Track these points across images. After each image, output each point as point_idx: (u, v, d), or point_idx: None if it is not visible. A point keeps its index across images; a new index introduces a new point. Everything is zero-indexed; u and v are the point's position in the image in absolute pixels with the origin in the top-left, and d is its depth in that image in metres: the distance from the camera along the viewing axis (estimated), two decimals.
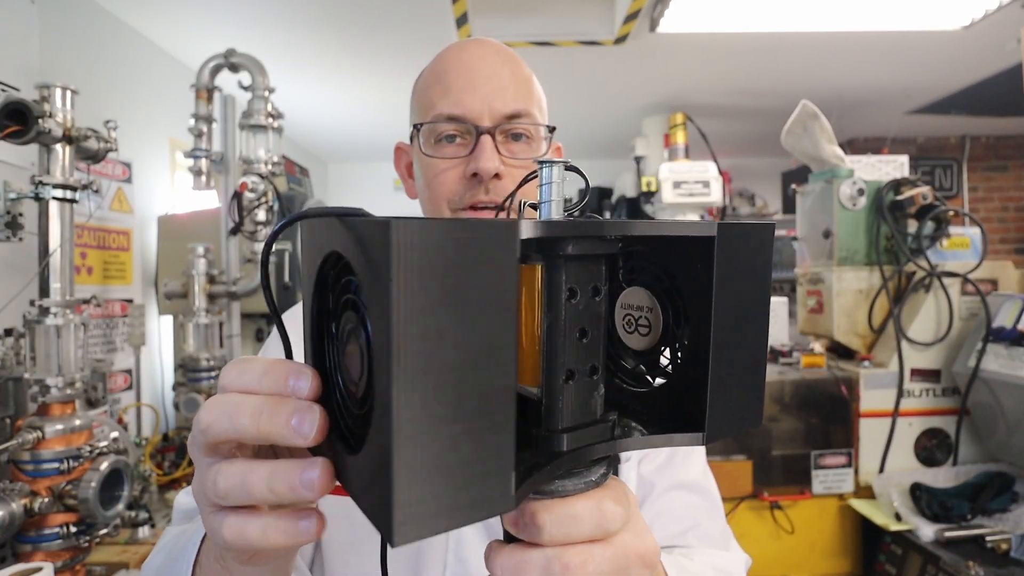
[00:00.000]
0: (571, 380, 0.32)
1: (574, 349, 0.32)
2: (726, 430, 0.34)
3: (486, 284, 0.24)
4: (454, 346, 0.24)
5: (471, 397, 0.25)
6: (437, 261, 0.23)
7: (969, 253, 2.08)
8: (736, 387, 0.34)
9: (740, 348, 0.34)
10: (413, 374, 0.23)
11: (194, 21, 2.55)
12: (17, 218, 1.47)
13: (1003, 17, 2.62)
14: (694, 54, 3.12)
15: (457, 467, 0.25)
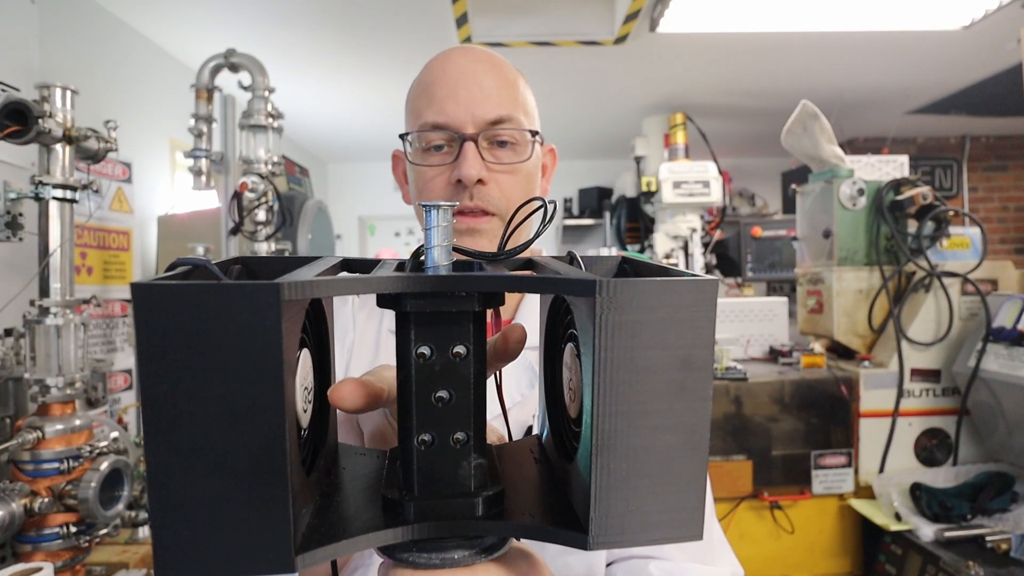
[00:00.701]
0: (427, 447, 0.30)
1: (430, 413, 0.30)
2: (630, 538, 0.28)
3: (243, 346, 0.24)
4: (208, 405, 0.24)
5: (238, 453, 0.24)
6: (184, 325, 0.24)
7: (969, 253, 2.08)
8: (650, 487, 0.27)
9: (657, 436, 0.27)
10: (161, 429, 0.24)
11: (194, 21, 2.55)
12: (17, 218, 1.46)
13: (1003, 17, 2.62)
14: (694, 54, 3.12)
15: (227, 519, 0.25)
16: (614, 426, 0.26)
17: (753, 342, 2.24)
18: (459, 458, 0.30)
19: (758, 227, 3.75)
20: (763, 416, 1.87)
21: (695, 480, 0.28)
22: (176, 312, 0.24)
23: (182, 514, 0.25)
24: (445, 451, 0.30)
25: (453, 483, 0.30)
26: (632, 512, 0.27)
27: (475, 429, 0.30)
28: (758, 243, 3.74)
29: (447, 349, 0.30)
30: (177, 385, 0.24)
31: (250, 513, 0.25)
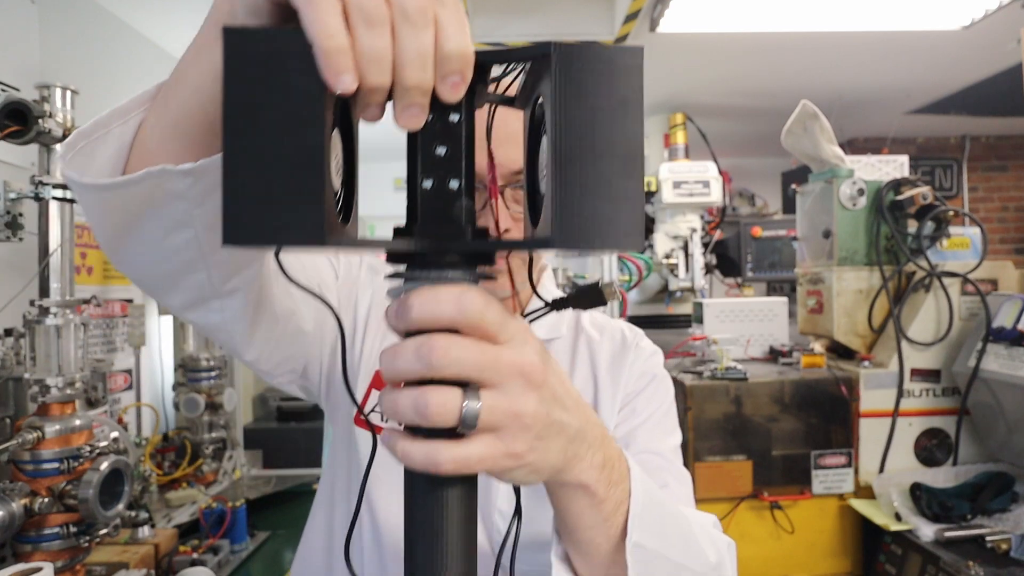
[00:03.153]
0: (430, 188, 0.37)
1: (429, 161, 0.37)
2: (585, 240, 0.35)
3: (303, 75, 0.32)
4: (275, 115, 0.32)
5: (291, 153, 0.32)
6: (262, 57, 0.32)
7: (969, 253, 2.08)
8: (595, 200, 0.35)
9: (598, 162, 0.35)
10: (239, 129, 0.32)
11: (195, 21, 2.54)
12: (17, 218, 1.47)
13: (1003, 17, 2.62)
14: (694, 54, 3.12)
15: (279, 201, 0.32)
16: (568, 152, 0.34)
17: (753, 342, 2.24)
18: (453, 199, 0.37)
19: (758, 227, 3.75)
20: (763, 416, 1.87)
21: (635, 199, 0.36)
22: (259, 45, 0.32)
23: (246, 194, 0.32)
24: (443, 194, 0.37)
25: (448, 219, 0.38)
26: (585, 222, 0.34)
27: (466, 179, 0.38)
28: (758, 243, 3.74)
29: (444, 115, 0.37)
30: (253, 98, 0.32)
31: (296, 198, 0.32)
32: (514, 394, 0.37)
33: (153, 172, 0.48)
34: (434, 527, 0.39)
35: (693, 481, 0.84)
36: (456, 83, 0.35)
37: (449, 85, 0.34)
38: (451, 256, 0.38)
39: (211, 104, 0.48)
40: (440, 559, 0.39)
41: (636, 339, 0.89)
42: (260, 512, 1.97)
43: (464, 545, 0.40)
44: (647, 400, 0.83)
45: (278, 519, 1.96)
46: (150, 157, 0.50)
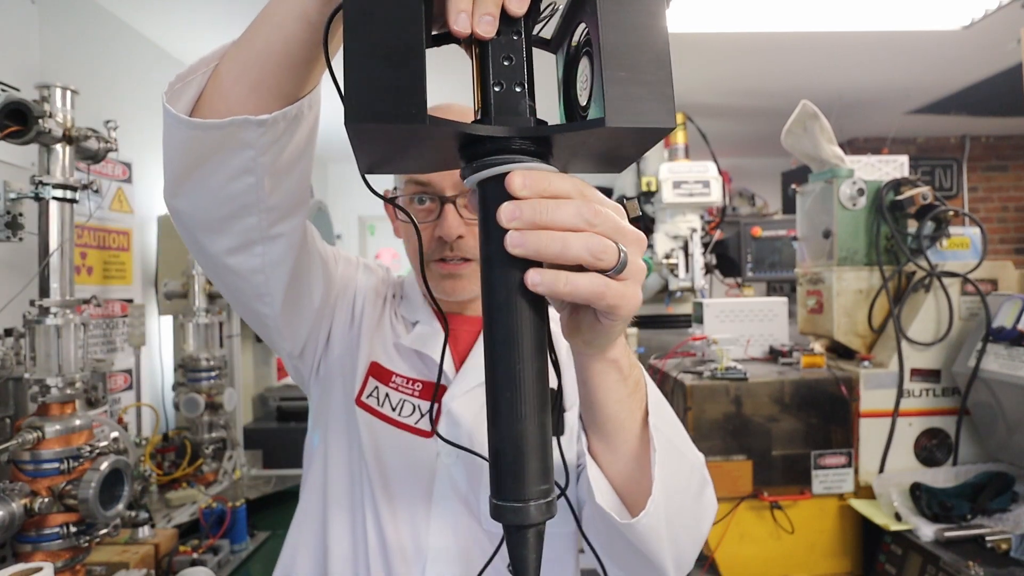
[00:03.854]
0: (500, 91, 0.44)
1: (498, 70, 0.43)
2: (631, 118, 0.40)
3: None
4: (383, 15, 0.39)
5: (394, 49, 0.39)
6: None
7: (969, 253, 2.08)
8: (637, 87, 0.41)
9: (637, 56, 0.41)
10: (358, 28, 0.38)
11: (194, 21, 2.55)
12: (17, 218, 1.47)
13: (1003, 17, 2.62)
14: (695, 54, 3.12)
15: (384, 80, 0.38)
16: (614, 49, 0.41)
17: (753, 342, 2.24)
18: (518, 99, 0.44)
19: (758, 227, 3.75)
20: (763, 416, 1.87)
21: (667, 85, 0.42)
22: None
23: (363, 83, 0.38)
24: (510, 95, 0.44)
25: (516, 112, 0.44)
26: (630, 103, 0.41)
27: (528, 84, 0.44)
28: (758, 243, 3.74)
29: (510, 32, 0.44)
30: (366, 4, 0.39)
31: (403, 85, 0.38)
32: (635, 253, 0.47)
33: (237, 121, 0.55)
34: (541, 345, 0.45)
35: None
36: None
37: (516, 0, 0.42)
38: (524, 143, 0.44)
39: (293, 42, 0.53)
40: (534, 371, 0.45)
41: None
42: (260, 512, 1.97)
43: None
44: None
45: (278, 519, 1.96)
46: (221, 99, 0.56)
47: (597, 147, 0.46)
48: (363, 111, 0.38)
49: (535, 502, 0.42)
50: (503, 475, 0.43)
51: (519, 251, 0.42)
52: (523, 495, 0.42)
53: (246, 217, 0.63)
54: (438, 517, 0.82)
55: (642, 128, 0.41)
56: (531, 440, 0.43)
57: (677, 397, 1.93)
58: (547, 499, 0.43)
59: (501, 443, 0.43)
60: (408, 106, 0.38)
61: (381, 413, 0.85)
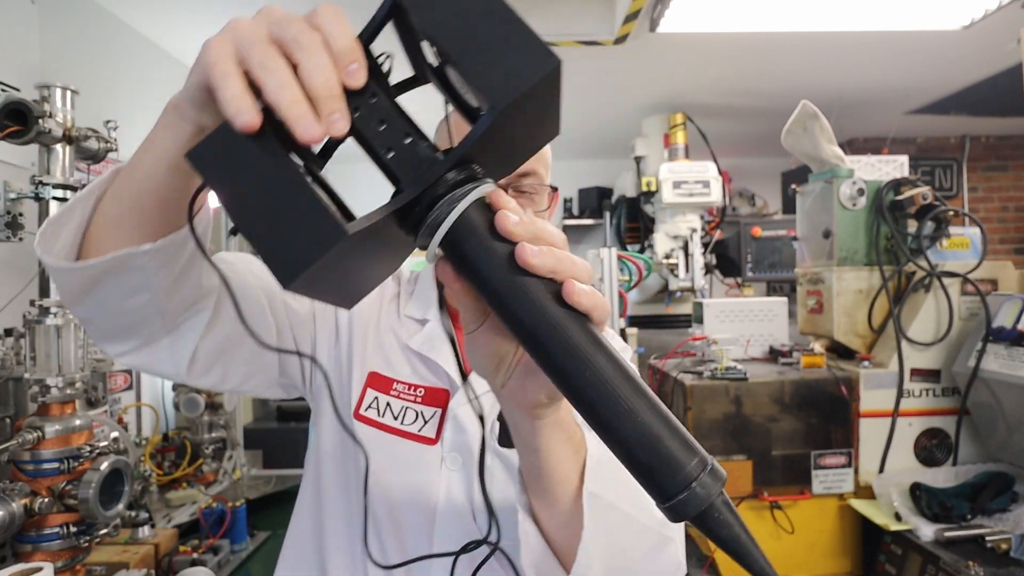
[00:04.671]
0: (393, 154, 0.42)
1: (381, 139, 0.42)
2: (516, 84, 0.37)
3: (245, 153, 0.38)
4: (251, 181, 0.38)
5: (276, 199, 0.37)
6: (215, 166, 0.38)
7: (969, 253, 2.08)
8: (501, 54, 0.38)
9: (484, 27, 0.39)
10: (239, 207, 0.37)
11: (194, 21, 2.55)
12: (17, 218, 1.47)
13: (1003, 17, 2.62)
14: (694, 54, 3.12)
15: (285, 231, 0.37)
16: (457, 33, 0.39)
17: (753, 342, 2.24)
18: (414, 148, 0.41)
19: (758, 227, 3.75)
20: (763, 416, 1.87)
21: (525, 33, 0.38)
22: (210, 146, 0.38)
23: (274, 247, 0.37)
24: (405, 151, 0.42)
25: (421, 160, 0.41)
26: (506, 72, 0.38)
27: (413, 129, 0.42)
28: (758, 243, 3.74)
29: (366, 101, 0.42)
30: (233, 183, 0.38)
31: (304, 221, 0.37)
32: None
33: (120, 255, 0.54)
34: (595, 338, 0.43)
35: None
36: (355, 70, 0.39)
37: (351, 75, 0.39)
38: (451, 176, 0.41)
39: (163, 188, 0.53)
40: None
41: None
42: (260, 512, 1.97)
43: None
44: None
45: (278, 519, 1.96)
46: (107, 232, 0.56)
47: (516, 132, 0.44)
48: (288, 270, 0.37)
49: (698, 479, 0.39)
50: (654, 477, 0.39)
51: (537, 260, 0.40)
52: (684, 481, 0.39)
53: (148, 323, 0.63)
54: (442, 526, 0.80)
55: (531, 86, 0.38)
56: (653, 426, 0.39)
57: (677, 397, 1.93)
58: (707, 466, 0.39)
59: (630, 450, 0.40)
60: (320, 236, 0.37)
61: (382, 424, 0.84)
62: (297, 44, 0.38)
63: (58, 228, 0.57)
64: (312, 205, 0.37)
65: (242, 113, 0.37)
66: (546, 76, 0.38)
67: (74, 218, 0.57)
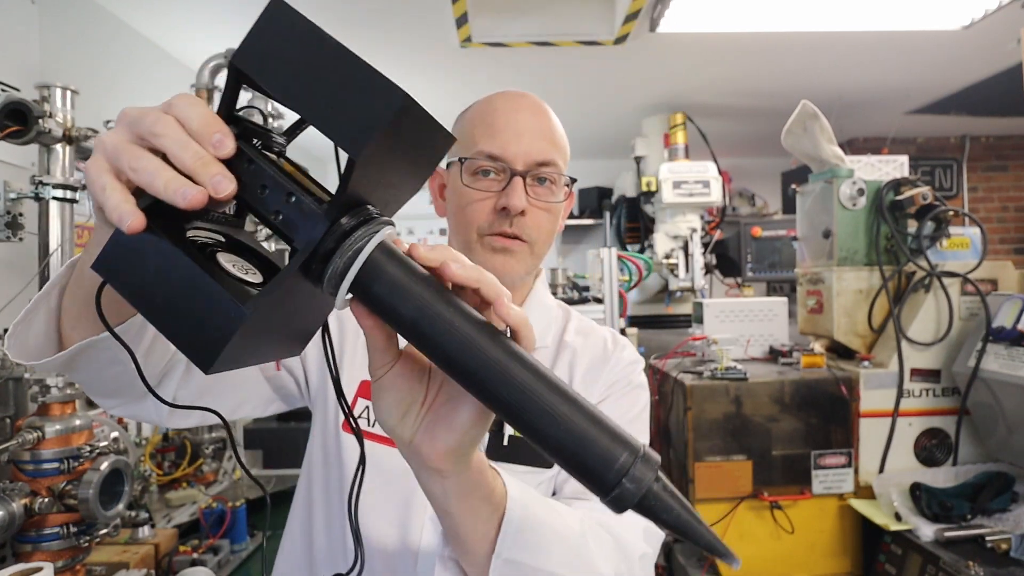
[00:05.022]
0: (280, 215, 0.42)
1: (266, 204, 0.42)
2: (366, 133, 0.37)
3: (144, 254, 0.39)
4: (158, 280, 0.39)
5: (178, 288, 0.39)
6: (121, 272, 0.40)
7: (969, 253, 2.08)
8: (342, 102, 0.38)
9: (317, 74, 0.39)
10: (147, 304, 0.40)
11: (194, 21, 2.55)
12: (17, 218, 1.47)
13: (1003, 17, 2.62)
14: (694, 54, 3.12)
15: (192, 318, 0.38)
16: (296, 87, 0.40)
17: (753, 342, 2.24)
18: (299, 206, 0.41)
19: (758, 227, 3.75)
20: (763, 416, 1.87)
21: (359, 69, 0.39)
22: (112, 253, 0.40)
23: (186, 334, 0.39)
24: (292, 208, 0.41)
25: (308, 215, 0.41)
26: (355, 121, 0.38)
27: (296, 185, 0.42)
28: (758, 243, 3.74)
29: (243, 166, 0.42)
30: (137, 283, 0.40)
31: (208, 307, 0.38)
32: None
33: (82, 346, 0.59)
34: (509, 349, 0.43)
35: (692, 482, 0.85)
36: (220, 140, 0.39)
37: (218, 145, 0.39)
38: (344, 223, 0.41)
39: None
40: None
41: (618, 349, 0.91)
42: (260, 512, 1.97)
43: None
44: (611, 405, 0.85)
45: (278, 519, 1.96)
46: (71, 324, 0.61)
47: (397, 162, 0.43)
48: (202, 358, 0.38)
49: (630, 470, 0.39)
50: (591, 475, 0.40)
51: (463, 273, 0.42)
52: (617, 474, 0.39)
53: (130, 386, 0.67)
54: (429, 533, 0.79)
55: (384, 128, 0.37)
56: (581, 426, 0.40)
57: (677, 397, 1.93)
58: (638, 454, 0.40)
59: (563, 452, 0.40)
60: (223, 321, 0.38)
61: (371, 434, 0.83)
62: (156, 135, 0.39)
63: (26, 327, 0.62)
64: (209, 291, 0.38)
65: (124, 218, 0.38)
66: (396, 113, 0.38)
67: (39, 316, 0.61)
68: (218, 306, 0.38)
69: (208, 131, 0.40)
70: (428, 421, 0.49)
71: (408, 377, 0.48)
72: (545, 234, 0.85)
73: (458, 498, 0.52)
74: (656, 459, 0.41)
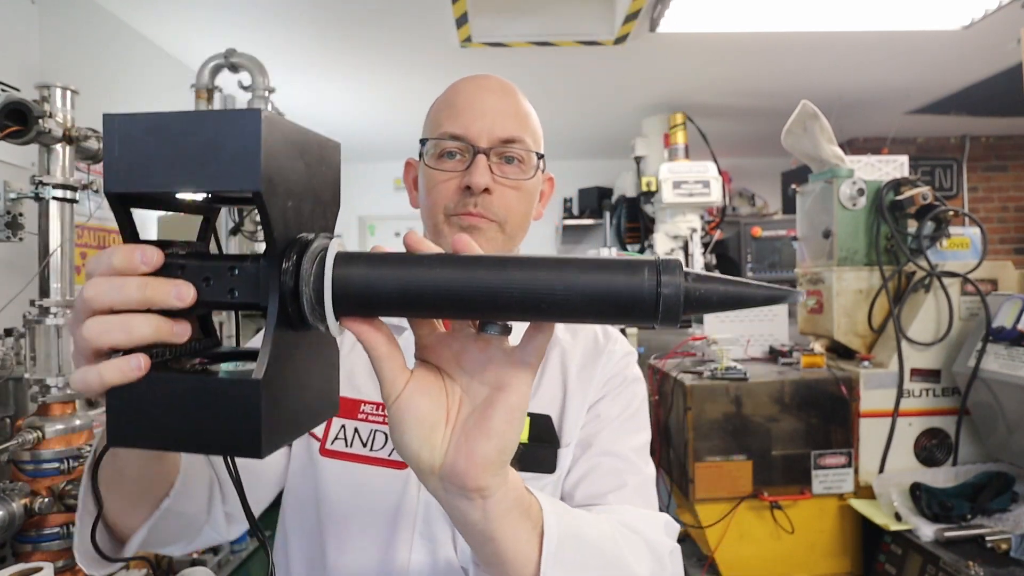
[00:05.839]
0: (235, 297, 0.43)
1: (211, 292, 0.43)
2: (249, 158, 0.38)
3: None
4: (168, 411, 0.41)
5: (193, 411, 0.40)
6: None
7: (969, 253, 2.08)
8: (217, 149, 0.38)
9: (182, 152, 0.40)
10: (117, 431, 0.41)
11: (194, 21, 2.55)
12: (17, 218, 1.47)
13: (1003, 17, 2.62)
14: (694, 54, 3.12)
15: (220, 418, 0.39)
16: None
17: (753, 342, 2.24)
18: (249, 270, 0.42)
19: (758, 227, 3.76)
20: (763, 416, 1.87)
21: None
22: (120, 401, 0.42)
23: (211, 439, 0.40)
24: (239, 282, 0.42)
25: (256, 283, 0.42)
26: (219, 170, 0.39)
27: (223, 262, 0.42)
28: (758, 243, 3.74)
29: (175, 271, 0.43)
30: (151, 425, 0.41)
31: (220, 405, 0.39)
32: None
33: (146, 534, 0.66)
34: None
35: (692, 482, 0.85)
36: (146, 259, 0.40)
37: (146, 263, 0.41)
38: (291, 264, 0.42)
39: (142, 476, 0.64)
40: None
41: (609, 343, 0.88)
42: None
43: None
44: (611, 402, 0.83)
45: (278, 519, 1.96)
46: (122, 516, 0.65)
47: (300, 183, 0.43)
48: (251, 445, 0.39)
49: (660, 282, 0.40)
50: (631, 311, 0.40)
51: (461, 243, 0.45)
52: (650, 295, 0.40)
53: (188, 528, 0.74)
54: (419, 551, 0.76)
55: (259, 145, 0.37)
56: (593, 278, 0.40)
57: (677, 397, 1.93)
58: (657, 267, 0.40)
59: (596, 307, 0.41)
60: (244, 400, 0.39)
61: (349, 454, 0.79)
62: (93, 300, 0.40)
63: (82, 538, 0.64)
64: (217, 388, 0.39)
65: (128, 369, 0.40)
66: (263, 129, 0.37)
67: (86, 525, 0.64)
68: (232, 393, 0.39)
69: (131, 260, 0.40)
70: (459, 435, 0.46)
71: (426, 393, 0.46)
72: (516, 215, 0.82)
73: (501, 518, 0.48)
74: (675, 260, 0.40)
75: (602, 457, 0.79)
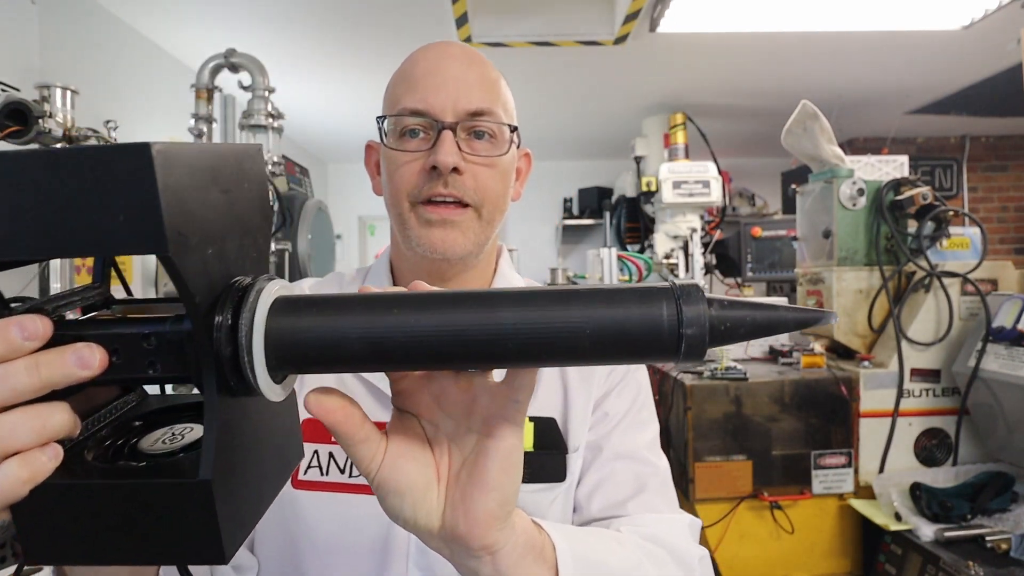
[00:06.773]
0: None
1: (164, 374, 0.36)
2: (150, 212, 0.29)
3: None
4: (107, 516, 0.33)
5: (126, 515, 0.33)
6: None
7: (969, 253, 2.08)
8: (101, 197, 0.29)
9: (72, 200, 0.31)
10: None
11: (194, 21, 2.55)
12: None
13: (1003, 17, 2.62)
14: (694, 54, 3.12)
15: (166, 524, 0.32)
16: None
17: (753, 342, 2.24)
18: (160, 340, 0.35)
19: (758, 227, 3.76)
20: (763, 416, 1.87)
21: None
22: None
23: (162, 548, 0.33)
24: (160, 353, 0.36)
25: (185, 361, 0.35)
26: (120, 221, 0.31)
27: (142, 332, 0.35)
28: (758, 243, 3.74)
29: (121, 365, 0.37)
30: (85, 544, 0.34)
31: (165, 509, 0.33)
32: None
33: None
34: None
35: (692, 482, 0.83)
36: (34, 332, 0.33)
37: (31, 338, 0.33)
38: (219, 320, 0.34)
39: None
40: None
41: None
42: None
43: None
44: (617, 398, 0.78)
45: None
46: None
47: (219, 220, 0.35)
48: (213, 551, 0.32)
49: (681, 319, 0.35)
50: (651, 350, 0.35)
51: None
52: (672, 331, 0.34)
53: None
54: (418, 569, 0.69)
55: (157, 194, 0.28)
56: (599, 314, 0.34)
57: (677, 397, 1.93)
58: (677, 299, 0.34)
59: (605, 348, 0.35)
60: (195, 502, 0.32)
61: (326, 483, 0.71)
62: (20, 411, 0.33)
63: None
64: (153, 493, 0.32)
65: (21, 478, 0.32)
66: (156, 168, 0.28)
67: None
68: (177, 496, 0.31)
69: (8, 340, 0.32)
70: (454, 493, 0.41)
71: (410, 456, 0.41)
72: (493, 195, 0.72)
73: (513, 569, 0.44)
74: (695, 287, 0.35)
75: (616, 462, 0.75)
